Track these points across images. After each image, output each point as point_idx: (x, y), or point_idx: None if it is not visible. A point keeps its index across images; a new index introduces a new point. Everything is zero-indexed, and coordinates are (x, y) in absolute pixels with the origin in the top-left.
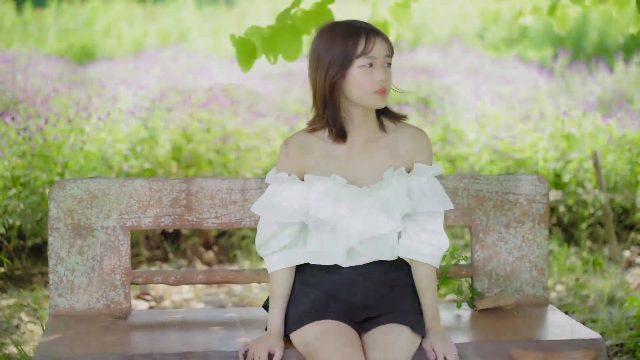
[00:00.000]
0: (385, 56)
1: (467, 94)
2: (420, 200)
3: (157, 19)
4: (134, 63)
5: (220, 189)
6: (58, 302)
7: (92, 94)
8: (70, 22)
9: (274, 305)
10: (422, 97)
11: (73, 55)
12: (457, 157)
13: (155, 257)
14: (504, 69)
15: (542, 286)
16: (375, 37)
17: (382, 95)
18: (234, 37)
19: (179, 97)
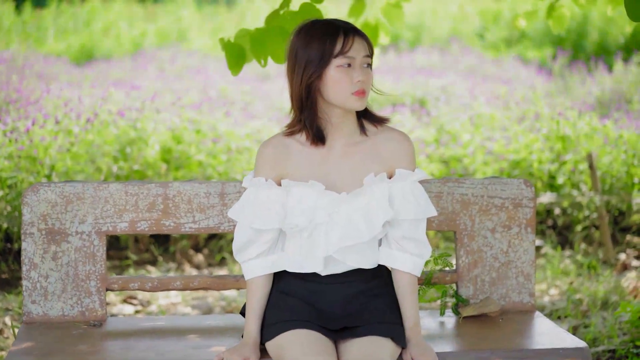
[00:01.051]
0: (364, 56)
1: (464, 95)
2: (401, 207)
3: (157, 19)
4: (131, 63)
5: (198, 193)
6: (31, 309)
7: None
8: (70, 22)
9: (250, 314)
10: (418, 97)
11: (71, 56)
12: (451, 158)
13: (143, 261)
14: (502, 69)
15: (529, 293)
16: (354, 36)
17: (361, 96)
18: (223, 40)
19: (173, 97)
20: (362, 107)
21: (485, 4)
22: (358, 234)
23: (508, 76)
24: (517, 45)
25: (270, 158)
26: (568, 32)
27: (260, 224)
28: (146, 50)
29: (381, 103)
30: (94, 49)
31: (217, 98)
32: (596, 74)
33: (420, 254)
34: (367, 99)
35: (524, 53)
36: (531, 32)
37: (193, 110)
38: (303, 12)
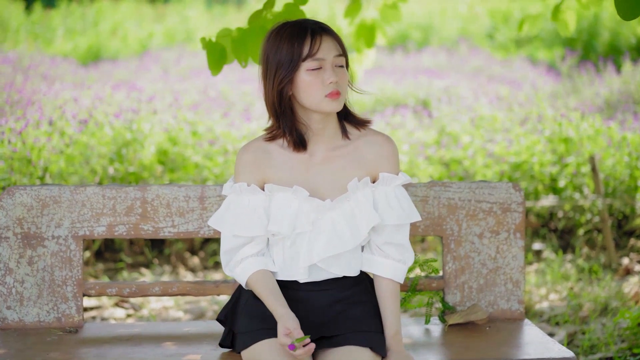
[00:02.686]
0: (335, 56)
1: (467, 96)
2: (385, 212)
3: (166, 19)
4: (137, 64)
5: (177, 196)
6: (7, 314)
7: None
8: (78, 22)
9: (268, 301)
10: (421, 98)
11: (78, 56)
12: (451, 160)
13: (138, 264)
14: (510, 70)
15: (518, 300)
16: (322, 36)
17: (335, 98)
18: (204, 40)
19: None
20: (338, 109)
21: (495, 4)
22: (343, 242)
23: (515, 77)
24: (528, 45)
25: (249, 163)
26: (579, 33)
27: (243, 231)
28: (152, 51)
29: (384, 104)
30: (101, 49)
31: (217, 99)
32: (605, 74)
33: (403, 259)
34: (342, 100)
35: (534, 54)
36: (542, 33)
37: (191, 111)
38: (286, 12)
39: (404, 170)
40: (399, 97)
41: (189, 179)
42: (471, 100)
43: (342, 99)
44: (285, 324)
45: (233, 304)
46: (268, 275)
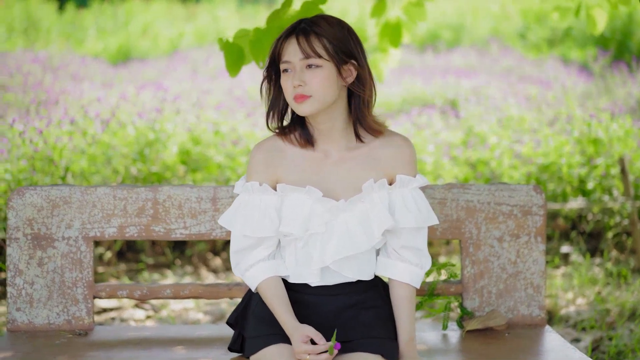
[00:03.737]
0: (301, 59)
1: (496, 96)
2: (401, 215)
3: (197, 18)
4: (166, 64)
5: (189, 197)
6: (16, 316)
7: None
8: (109, 22)
9: (277, 311)
10: (449, 98)
11: (109, 56)
12: (478, 161)
13: (160, 264)
14: (541, 70)
15: (539, 305)
16: (289, 40)
17: (299, 101)
18: (221, 40)
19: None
20: (305, 112)
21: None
22: (356, 244)
23: (547, 77)
24: (560, 45)
25: (263, 162)
26: (612, 32)
27: (254, 232)
28: (182, 50)
29: (411, 103)
30: (131, 49)
31: (243, 99)
32: (638, 75)
33: (420, 264)
34: (313, 103)
35: (567, 54)
36: (574, 32)
37: (215, 111)
38: (304, 11)
39: (429, 171)
40: (426, 96)
41: (211, 179)
42: (500, 100)
43: (311, 101)
44: (303, 331)
45: (243, 307)
46: (278, 284)
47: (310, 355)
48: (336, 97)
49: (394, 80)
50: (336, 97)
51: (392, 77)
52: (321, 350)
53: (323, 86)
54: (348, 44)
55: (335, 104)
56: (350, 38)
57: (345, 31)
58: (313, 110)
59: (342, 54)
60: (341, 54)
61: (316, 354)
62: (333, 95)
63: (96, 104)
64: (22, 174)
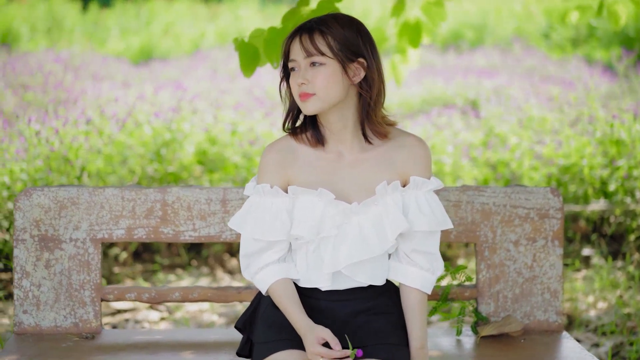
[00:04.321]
0: (305, 57)
1: (518, 96)
2: (415, 218)
3: (219, 18)
4: (187, 63)
5: (199, 199)
6: (23, 319)
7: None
8: (132, 22)
9: (288, 312)
10: (470, 98)
11: (131, 56)
12: (498, 162)
13: (176, 265)
14: (565, 70)
15: (556, 311)
16: (294, 39)
17: (302, 99)
18: (236, 40)
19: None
20: (309, 111)
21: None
22: (370, 248)
23: (570, 77)
24: (584, 45)
25: (274, 163)
26: (637, 32)
27: (264, 235)
28: (203, 50)
29: (432, 103)
30: (153, 49)
31: (262, 98)
32: None
33: (432, 269)
34: (317, 101)
35: (591, 54)
36: (599, 32)
37: (233, 111)
38: (320, 10)
39: (448, 172)
40: (447, 96)
41: (228, 179)
42: (521, 100)
43: (314, 99)
44: (319, 333)
45: (252, 311)
46: (290, 285)
47: (323, 358)
48: (342, 96)
49: (414, 81)
50: (342, 96)
51: (413, 77)
52: (337, 356)
53: (327, 84)
54: (356, 42)
55: (344, 104)
56: (360, 37)
57: (355, 29)
58: (318, 109)
59: (348, 53)
60: (347, 53)
61: (334, 357)
62: (338, 94)
63: (113, 104)
64: (38, 174)
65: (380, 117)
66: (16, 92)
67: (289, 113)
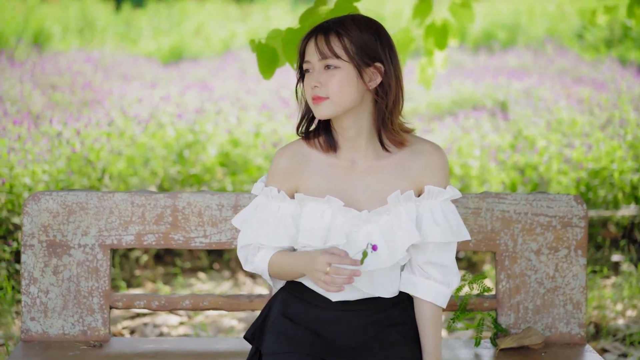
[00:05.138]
0: (319, 60)
1: (548, 98)
2: (429, 229)
3: (250, 18)
4: (216, 63)
5: (210, 205)
6: (30, 326)
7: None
8: (164, 22)
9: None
10: (500, 100)
11: (161, 56)
12: (526, 166)
13: (197, 268)
14: (598, 71)
15: (578, 323)
16: (309, 40)
17: (315, 103)
18: (253, 42)
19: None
20: (321, 115)
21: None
22: (379, 259)
23: (602, 79)
24: (618, 46)
25: (284, 170)
26: None
27: (268, 240)
28: (234, 50)
29: (460, 105)
30: (184, 49)
31: (288, 100)
32: None
33: (447, 282)
34: (329, 105)
35: (626, 54)
36: (633, 33)
37: (257, 112)
38: (338, 10)
39: (475, 176)
40: (476, 98)
41: (250, 181)
42: (551, 102)
43: (327, 103)
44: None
45: (261, 321)
46: (286, 251)
47: (331, 266)
48: (357, 102)
49: (444, 82)
50: (357, 102)
51: (443, 78)
52: (346, 262)
53: (340, 88)
54: (374, 46)
55: (359, 109)
56: (379, 40)
57: (374, 32)
58: (330, 113)
59: (364, 56)
60: (364, 56)
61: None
62: (352, 99)
63: (138, 105)
64: (60, 176)
65: (397, 125)
66: (45, 92)
67: (304, 116)
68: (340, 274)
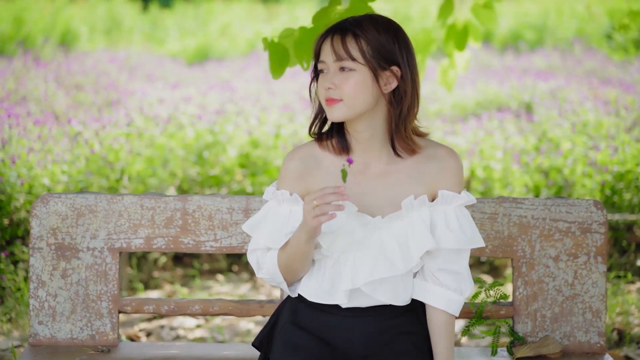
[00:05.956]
0: (334, 61)
1: (574, 100)
2: (442, 235)
3: (277, 18)
4: (241, 64)
5: (220, 208)
6: (38, 330)
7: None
8: (191, 22)
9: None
10: (525, 101)
11: (187, 57)
12: (550, 169)
13: (216, 270)
14: (627, 73)
15: (598, 332)
16: (325, 39)
17: (328, 105)
18: (266, 40)
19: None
20: (334, 118)
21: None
22: (392, 266)
23: (631, 80)
24: None
25: (295, 172)
26: None
27: (277, 244)
28: (258, 51)
29: (485, 106)
30: (209, 49)
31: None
32: None
33: (459, 289)
34: (343, 108)
35: None
36: None
37: (279, 113)
38: (353, 10)
39: (497, 178)
40: (501, 99)
41: (270, 183)
42: (576, 104)
43: (340, 106)
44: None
45: (269, 329)
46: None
47: (317, 198)
48: (371, 105)
49: (469, 82)
50: (371, 105)
51: (468, 79)
52: (329, 192)
53: (355, 92)
54: (392, 49)
55: (373, 113)
56: (397, 43)
57: (392, 34)
58: (343, 116)
59: (381, 60)
60: (380, 60)
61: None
62: (366, 103)
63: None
64: (79, 176)
65: (411, 131)
66: (69, 92)
67: (316, 117)
68: (325, 200)
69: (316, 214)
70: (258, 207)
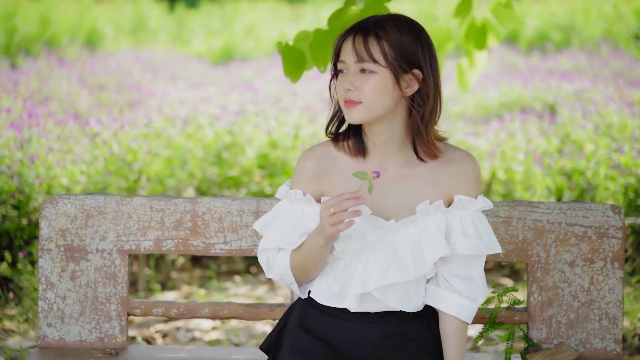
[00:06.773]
0: (355, 62)
1: (599, 101)
2: (458, 240)
3: (302, 19)
4: (265, 64)
5: (230, 210)
6: (47, 332)
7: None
8: (216, 22)
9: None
10: (549, 102)
11: (212, 57)
12: (573, 171)
13: (233, 271)
14: None
15: (614, 339)
16: (346, 39)
17: (347, 107)
18: (280, 44)
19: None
20: (353, 120)
21: None
22: (404, 272)
23: None
24: None
25: (309, 172)
26: None
27: (288, 245)
28: None
29: (508, 107)
30: (234, 50)
31: None
32: None
33: (473, 296)
34: (362, 110)
35: None
36: None
37: (299, 114)
38: (368, 10)
39: (519, 181)
40: (525, 100)
41: None
42: (601, 105)
43: (360, 108)
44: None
45: (277, 333)
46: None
47: (334, 205)
48: (391, 108)
49: (492, 83)
50: (391, 108)
51: (492, 79)
52: (346, 197)
53: (375, 94)
54: (414, 51)
55: (392, 116)
56: (419, 45)
57: (415, 36)
58: (362, 119)
59: (403, 62)
60: (402, 62)
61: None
62: (386, 106)
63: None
64: (98, 177)
65: (433, 135)
66: (92, 92)
67: (334, 117)
68: (342, 206)
69: (334, 222)
70: (268, 209)
